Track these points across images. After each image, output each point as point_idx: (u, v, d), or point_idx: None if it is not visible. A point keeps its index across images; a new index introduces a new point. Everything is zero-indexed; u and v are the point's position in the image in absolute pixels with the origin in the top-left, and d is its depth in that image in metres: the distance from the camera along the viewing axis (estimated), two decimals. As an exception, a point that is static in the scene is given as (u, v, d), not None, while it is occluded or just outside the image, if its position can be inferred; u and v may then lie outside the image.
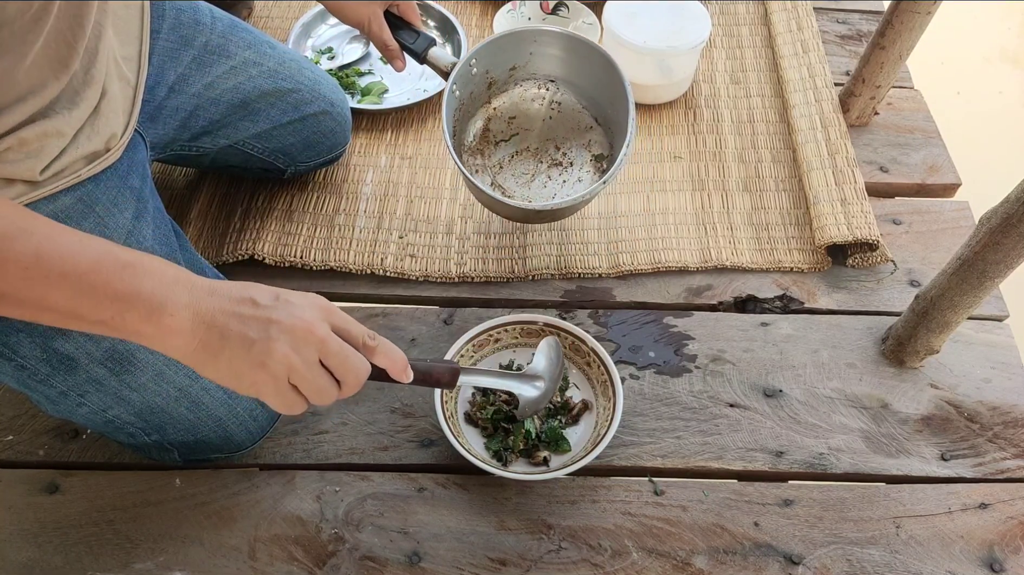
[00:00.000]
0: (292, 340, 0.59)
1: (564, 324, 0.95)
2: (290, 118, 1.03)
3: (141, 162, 0.82)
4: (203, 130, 0.97)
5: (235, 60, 0.97)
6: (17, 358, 0.74)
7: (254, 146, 1.03)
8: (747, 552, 0.85)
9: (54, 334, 0.73)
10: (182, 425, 0.83)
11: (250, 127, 1.01)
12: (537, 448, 0.89)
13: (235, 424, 0.86)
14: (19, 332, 0.73)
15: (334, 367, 0.62)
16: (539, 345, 0.90)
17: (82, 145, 0.72)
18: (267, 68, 1.00)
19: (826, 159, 1.16)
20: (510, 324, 0.96)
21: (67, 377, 0.76)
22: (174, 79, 0.92)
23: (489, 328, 0.95)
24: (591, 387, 0.94)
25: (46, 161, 0.69)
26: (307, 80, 1.03)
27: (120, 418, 0.81)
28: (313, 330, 0.60)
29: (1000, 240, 0.81)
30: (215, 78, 0.96)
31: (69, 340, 0.74)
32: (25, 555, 0.83)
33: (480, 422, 0.91)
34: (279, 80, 1.00)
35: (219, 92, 0.96)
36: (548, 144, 1.06)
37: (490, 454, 0.89)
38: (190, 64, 0.93)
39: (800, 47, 1.32)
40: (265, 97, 1.00)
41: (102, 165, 0.75)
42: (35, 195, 0.69)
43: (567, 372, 0.95)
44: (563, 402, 0.93)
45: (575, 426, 0.92)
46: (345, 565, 0.83)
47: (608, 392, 0.91)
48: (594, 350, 0.93)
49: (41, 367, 0.75)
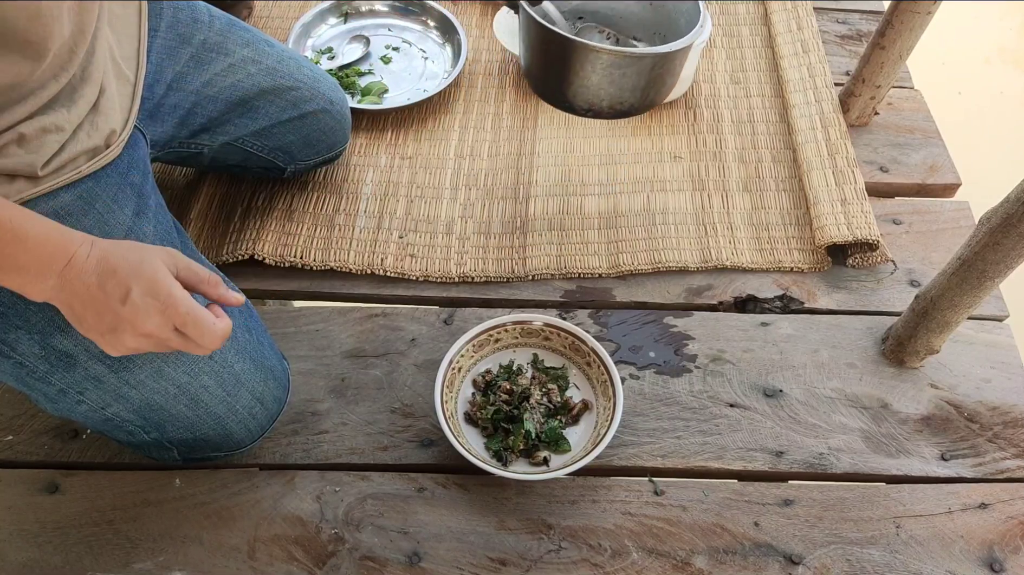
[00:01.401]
0: (139, 338, 0.67)
1: (564, 324, 0.95)
2: (289, 116, 1.03)
3: (142, 159, 0.82)
4: (202, 127, 0.97)
5: (233, 58, 0.97)
6: (15, 355, 0.74)
7: (253, 144, 1.03)
8: (747, 552, 0.85)
9: (53, 331, 0.74)
10: (181, 423, 0.83)
11: (249, 124, 1.01)
12: (537, 448, 0.89)
13: (234, 422, 0.86)
14: (17, 329, 0.73)
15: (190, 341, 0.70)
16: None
17: (82, 141, 0.73)
18: (266, 66, 1.00)
19: (826, 159, 1.16)
20: (510, 324, 0.96)
21: (66, 374, 0.76)
22: (172, 77, 0.92)
23: (489, 328, 0.95)
24: (591, 387, 0.94)
25: (46, 156, 0.69)
26: (306, 78, 1.03)
27: (119, 415, 0.81)
28: (157, 333, 0.67)
29: (1000, 240, 0.81)
30: (213, 75, 0.96)
31: (68, 337, 0.74)
32: (25, 555, 0.83)
33: (480, 422, 0.91)
34: (278, 78, 1.00)
35: (217, 89, 0.96)
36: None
37: (490, 454, 0.89)
38: (188, 62, 0.93)
39: (800, 47, 1.32)
40: (264, 95, 1.00)
41: (102, 161, 0.75)
42: (36, 191, 0.69)
43: (567, 372, 0.96)
44: (563, 402, 0.93)
45: (575, 426, 0.92)
46: (345, 565, 0.83)
47: (608, 392, 0.91)
48: (594, 350, 0.93)
49: (40, 364, 0.75)
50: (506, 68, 1.32)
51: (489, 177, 1.18)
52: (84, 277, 0.65)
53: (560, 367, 0.96)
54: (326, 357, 0.99)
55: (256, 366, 0.86)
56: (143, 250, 0.68)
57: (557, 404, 0.92)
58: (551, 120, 1.25)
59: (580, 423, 0.92)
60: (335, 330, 1.02)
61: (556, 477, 0.87)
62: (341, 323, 1.02)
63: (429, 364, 0.98)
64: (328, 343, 1.00)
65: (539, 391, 0.93)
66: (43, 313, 0.73)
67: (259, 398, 0.87)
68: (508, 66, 1.33)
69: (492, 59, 1.34)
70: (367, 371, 0.98)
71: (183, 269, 0.70)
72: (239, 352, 0.84)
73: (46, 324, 0.73)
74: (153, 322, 0.66)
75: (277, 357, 0.92)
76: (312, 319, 1.03)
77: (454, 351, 0.92)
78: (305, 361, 0.98)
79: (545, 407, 0.92)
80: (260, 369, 0.87)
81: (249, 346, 0.86)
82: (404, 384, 0.97)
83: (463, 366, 0.94)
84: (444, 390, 0.90)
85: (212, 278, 0.72)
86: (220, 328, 0.70)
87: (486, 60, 1.34)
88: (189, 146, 0.99)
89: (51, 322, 0.73)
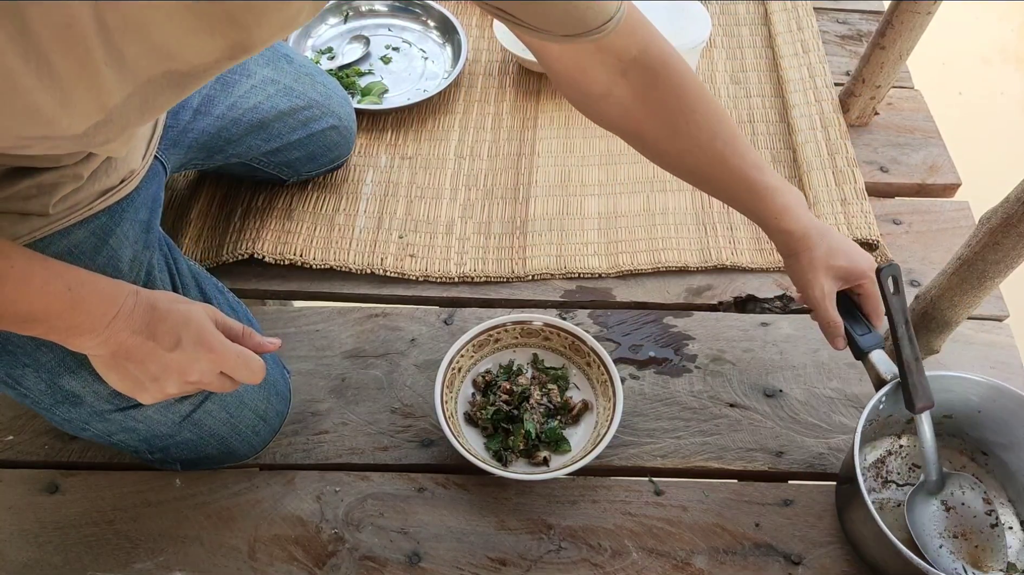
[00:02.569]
0: (183, 386, 0.69)
1: (564, 324, 0.95)
2: (299, 136, 1.02)
3: (155, 194, 0.81)
4: (219, 149, 0.97)
5: (255, 79, 0.96)
6: (21, 388, 0.74)
7: (261, 160, 1.03)
8: (747, 552, 0.85)
9: (62, 371, 0.73)
10: (186, 446, 0.84)
11: (263, 146, 1.00)
12: (537, 448, 0.89)
13: (238, 441, 0.86)
14: (25, 367, 0.72)
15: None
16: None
17: (100, 181, 0.71)
18: (284, 85, 0.99)
19: (826, 159, 1.16)
20: (510, 324, 0.96)
21: (71, 410, 0.76)
22: (199, 101, 0.91)
23: (489, 328, 0.95)
24: (591, 387, 0.94)
25: (58, 196, 0.67)
26: (319, 96, 1.03)
27: (124, 442, 0.82)
28: (203, 379, 0.69)
29: (1000, 240, 0.81)
30: (237, 98, 0.95)
31: (77, 378, 0.74)
32: (25, 555, 0.83)
33: (480, 422, 0.91)
34: (294, 98, 1.00)
35: (240, 112, 0.95)
36: None
37: (490, 454, 0.89)
38: (215, 85, 0.92)
39: (800, 47, 1.32)
40: (281, 117, 0.99)
41: (115, 197, 0.73)
42: (48, 229, 0.68)
43: (567, 372, 0.96)
44: (563, 402, 0.93)
45: (575, 426, 0.92)
46: (345, 565, 0.83)
47: (608, 392, 0.91)
48: (594, 350, 0.93)
49: (44, 399, 0.75)
50: (506, 68, 1.32)
51: (489, 177, 1.18)
52: (132, 326, 0.65)
53: (560, 367, 0.96)
54: (326, 357, 0.99)
55: (259, 385, 0.86)
56: (187, 302, 0.70)
57: (557, 404, 0.92)
58: (551, 120, 1.25)
59: (580, 424, 0.92)
60: (335, 330, 1.02)
61: (556, 477, 0.87)
62: (341, 323, 1.02)
63: (429, 364, 0.98)
64: (328, 343, 1.00)
65: (539, 391, 0.93)
66: (53, 353, 0.72)
67: (262, 415, 0.87)
68: (508, 66, 1.33)
69: (492, 59, 1.34)
70: (367, 371, 0.98)
71: (221, 323, 0.72)
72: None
73: (56, 365, 0.73)
74: (201, 368, 0.68)
75: (279, 371, 0.92)
76: (312, 319, 1.03)
77: (454, 351, 0.92)
78: (305, 361, 0.98)
79: (545, 407, 0.92)
80: (263, 388, 0.87)
81: None
82: (404, 384, 0.97)
83: (463, 366, 0.94)
84: (444, 390, 0.90)
85: (246, 330, 0.74)
86: (261, 366, 0.73)
87: (486, 60, 1.34)
88: (202, 165, 0.99)
89: (61, 363, 0.72)
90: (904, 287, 0.83)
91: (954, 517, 0.84)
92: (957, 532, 0.83)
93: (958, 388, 0.86)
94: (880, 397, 0.82)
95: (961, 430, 0.89)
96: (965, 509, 0.84)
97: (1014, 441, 0.86)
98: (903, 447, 0.90)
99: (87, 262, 0.71)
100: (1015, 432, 0.85)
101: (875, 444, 0.90)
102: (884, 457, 0.90)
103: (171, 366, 0.67)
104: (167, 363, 0.66)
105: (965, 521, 0.83)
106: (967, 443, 0.90)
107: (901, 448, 0.90)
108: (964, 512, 0.84)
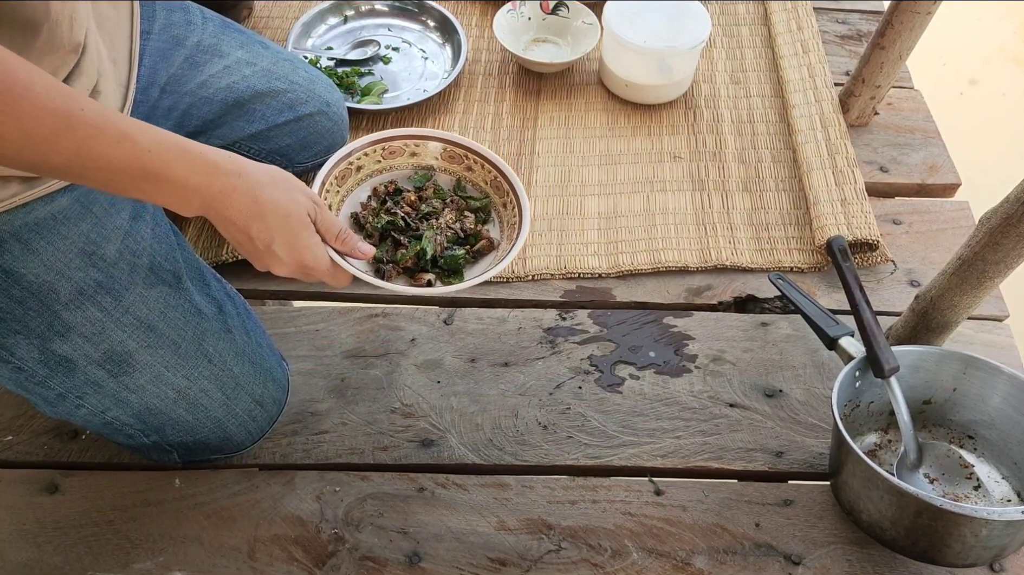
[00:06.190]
0: (283, 266, 0.74)
1: (489, 155, 0.87)
2: (286, 118, 1.02)
3: None
4: (198, 129, 0.97)
5: (228, 59, 0.97)
6: (14, 360, 0.74)
7: (251, 147, 1.03)
8: (747, 552, 0.85)
9: (52, 336, 0.73)
10: (181, 426, 0.83)
11: (245, 127, 1.00)
12: (425, 270, 0.83)
13: (234, 425, 0.86)
14: (16, 334, 0.73)
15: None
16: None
17: None
18: (261, 68, 0.99)
19: (826, 159, 1.16)
20: (434, 140, 0.87)
21: (65, 379, 0.76)
22: (166, 79, 0.92)
23: (405, 136, 0.88)
24: (500, 229, 0.88)
25: None
26: (301, 80, 1.03)
27: (119, 419, 0.81)
28: (286, 275, 0.74)
29: (1000, 240, 0.81)
30: (208, 77, 0.95)
31: (67, 342, 0.74)
32: (25, 555, 0.83)
33: (368, 227, 0.85)
34: (273, 80, 1.00)
35: (212, 91, 0.96)
36: None
37: (369, 266, 0.82)
38: (182, 64, 0.93)
39: (800, 47, 1.32)
40: (259, 97, 1.00)
41: None
42: (31, 195, 0.68)
43: (490, 204, 0.90)
44: (475, 231, 0.86)
45: (473, 264, 0.85)
46: (345, 565, 0.83)
47: (512, 236, 0.84)
48: (513, 188, 0.86)
49: (39, 369, 0.75)
50: (506, 68, 1.32)
51: (489, 177, 1.18)
52: (228, 211, 0.68)
53: (484, 197, 0.90)
54: (326, 357, 0.99)
55: (255, 369, 0.86)
56: (292, 197, 0.72)
57: (468, 232, 0.86)
58: (551, 120, 1.25)
59: (479, 263, 0.85)
60: (335, 330, 1.02)
61: (446, 294, 0.84)
62: (341, 323, 1.02)
63: (429, 364, 0.98)
64: (328, 343, 1.00)
65: (453, 215, 0.86)
66: (42, 318, 0.72)
67: (258, 400, 0.87)
68: (508, 66, 1.33)
69: (492, 59, 1.34)
70: (367, 371, 0.98)
71: (321, 222, 0.75)
72: (238, 355, 0.84)
73: (45, 329, 0.73)
74: (285, 270, 0.73)
75: (276, 359, 0.92)
76: (312, 319, 1.03)
77: (355, 146, 0.85)
78: (305, 361, 0.98)
79: (455, 233, 0.85)
80: (259, 372, 0.87)
81: (248, 349, 0.86)
82: (404, 384, 0.97)
83: (364, 166, 0.86)
84: (331, 180, 0.82)
85: (343, 232, 0.76)
86: (348, 279, 0.78)
87: (486, 60, 1.34)
88: None
89: (50, 327, 0.73)
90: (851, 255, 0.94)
91: (938, 488, 0.87)
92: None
93: (929, 365, 0.89)
94: (853, 371, 0.85)
95: (943, 416, 0.91)
96: (946, 478, 0.88)
97: (993, 415, 0.88)
98: (891, 442, 0.92)
99: (71, 229, 0.71)
100: (990, 402, 0.88)
101: (863, 439, 0.92)
102: (874, 450, 0.91)
103: (262, 259, 0.72)
104: (260, 254, 0.72)
105: (949, 488, 0.87)
106: (953, 431, 0.91)
107: (890, 443, 0.92)
108: (946, 481, 0.88)
